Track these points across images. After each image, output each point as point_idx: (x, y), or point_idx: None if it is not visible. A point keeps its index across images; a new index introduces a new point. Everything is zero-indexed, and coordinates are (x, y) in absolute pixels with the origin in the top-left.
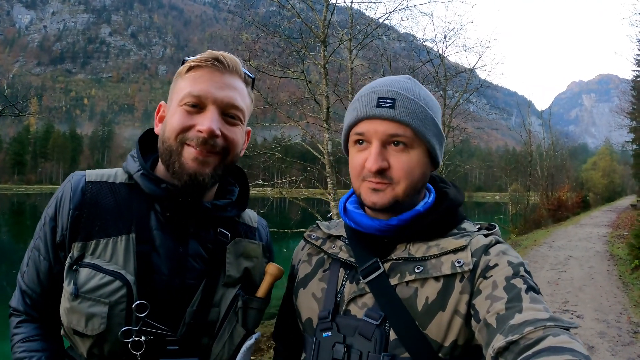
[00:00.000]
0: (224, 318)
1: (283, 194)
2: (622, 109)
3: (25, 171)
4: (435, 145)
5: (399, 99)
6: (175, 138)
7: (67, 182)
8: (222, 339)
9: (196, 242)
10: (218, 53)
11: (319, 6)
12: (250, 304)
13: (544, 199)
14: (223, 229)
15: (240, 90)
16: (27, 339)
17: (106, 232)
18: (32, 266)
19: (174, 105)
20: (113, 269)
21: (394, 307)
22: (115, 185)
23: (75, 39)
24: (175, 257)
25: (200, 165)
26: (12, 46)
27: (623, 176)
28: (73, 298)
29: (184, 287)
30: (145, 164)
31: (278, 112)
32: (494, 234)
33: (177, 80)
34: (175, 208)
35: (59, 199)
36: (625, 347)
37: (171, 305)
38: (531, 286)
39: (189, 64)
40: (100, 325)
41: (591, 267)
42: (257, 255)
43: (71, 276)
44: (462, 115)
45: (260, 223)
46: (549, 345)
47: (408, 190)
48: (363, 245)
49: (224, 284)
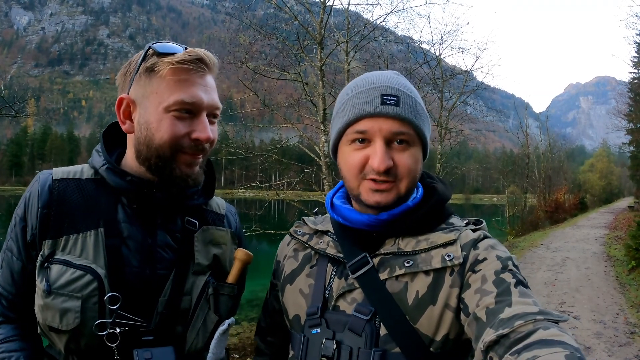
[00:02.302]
0: (196, 306)
1: (280, 196)
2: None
3: (23, 173)
4: (428, 140)
5: (402, 97)
6: (169, 147)
7: (35, 182)
8: (195, 327)
9: (164, 232)
10: (201, 53)
11: (316, 8)
12: (221, 290)
13: (541, 200)
14: (191, 218)
15: (215, 88)
16: (5, 339)
17: (75, 228)
18: (6, 267)
19: (158, 109)
20: (83, 263)
21: (384, 302)
22: (82, 182)
23: (73, 41)
24: (144, 249)
25: (193, 167)
26: (10, 47)
27: (620, 178)
28: (46, 295)
29: (155, 277)
30: (110, 158)
31: (275, 114)
32: (481, 229)
33: (153, 77)
34: (141, 200)
35: (27, 199)
36: (622, 348)
37: (143, 296)
38: (520, 280)
39: (170, 64)
40: (75, 319)
41: (588, 268)
42: (226, 242)
43: (43, 273)
44: (459, 117)
45: (228, 210)
46: (540, 339)
47: (410, 186)
48: (351, 240)
49: (193, 272)
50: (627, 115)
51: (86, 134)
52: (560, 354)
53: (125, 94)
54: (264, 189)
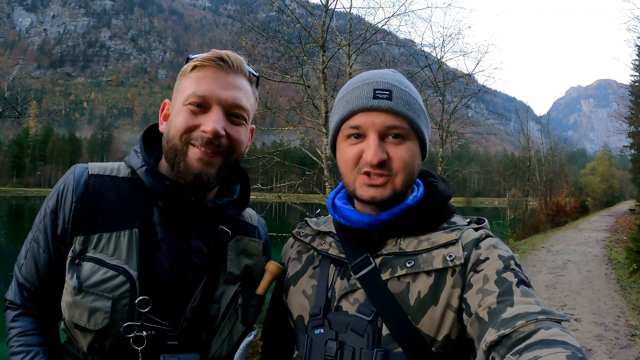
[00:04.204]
0: (224, 314)
1: (282, 199)
2: (620, 114)
3: (24, 174)
4: (426, 136)
5: (395, 91)
6: (180, 138)
7: (70, 174)
8: (221, 335)
9: (198, 239)
10: (222, 52)
11: (318, 11)
12: (250, 301)
13: (542, 204)
14: (224, 227)
15: (244, 90)
16: (23, 333)
17: (109, 226)
18: (30, 259)
19: (179, 104)
20: (116, 263)
21: (386, 303)
22: (118, 180)
23: (75, 43)
24: (177, 253)
25: (205, 165)
26: (12, 49)
27: (621, 181)
28: (76, 292)
29: (185, 283)
30: (149, 159)
31: (277, 117)
32: (483, 228)
33: (182, 78)
34: (178, 205)
35: (61, 191)
36: (623, 350)
37: (172, 301)
38: (522, 279)
39: (194, 62)
40: (104, 320)
41: (589, 271)
42: (258, 253)
43: (74, 270)
44: (460, 120)
45: (259, 222)
46: (542, 339)
47: (406, 181)
48: (353, 241)
49: (224, 281)
50: (628, 118)
51: (87, 135)
52: (562, 354)
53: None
54: (265, 191)
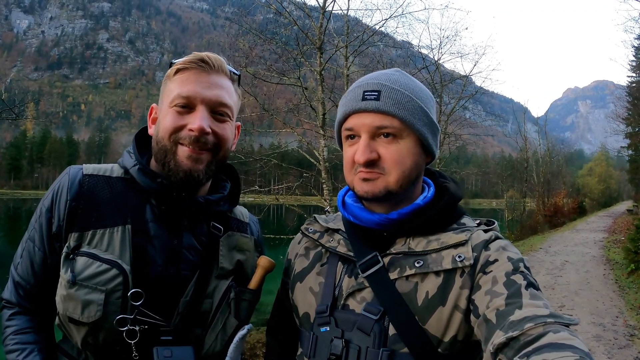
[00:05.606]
0: (217, 309)
1: (279, 201)
2: (617, 115)
3: (22, 176)
4: (427, 134)
5: (384, 90)
6: (169, 138)
7: (65, 175)
8: (215, 330)
9: (190, 234)
10: (203, 54)
11: (315, 13)
12: (242, 296)
13: (540, 205)
14: (216, 223)
15: (226, 88)
16: (19, 331)
17: (103, 223)
18: (26, 257)
19: (165, 106)
20: (110, 257)
21: (394, 302)
22: (112, 179)
23: (73, 45)
24: (169, 249)
25: (194, 162)
26: (10, 51)
27: (619, 182)
28: (70, 285)
29: (178, 278)
30: (141, 159)
31: (275, 119)
32: (493, 230)
33: (166, 82)
34: (170, 202)
35: (56, 190)
36: (622, 350)
37: (165, 296)
38: (531, 282)
39: (176, 66)
40: (97, 312)
41: (587, 271)
42: (249, 249)
43: (68, 264)
44: (457, 122)
45: (251, 219)
46: (550, 342)
47: (400, 180)
48: (362, 239)
49: (217, 276)
50: (625, 119)
51: (85, 138)
52: (570, 358)
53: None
54: (263, 193)
